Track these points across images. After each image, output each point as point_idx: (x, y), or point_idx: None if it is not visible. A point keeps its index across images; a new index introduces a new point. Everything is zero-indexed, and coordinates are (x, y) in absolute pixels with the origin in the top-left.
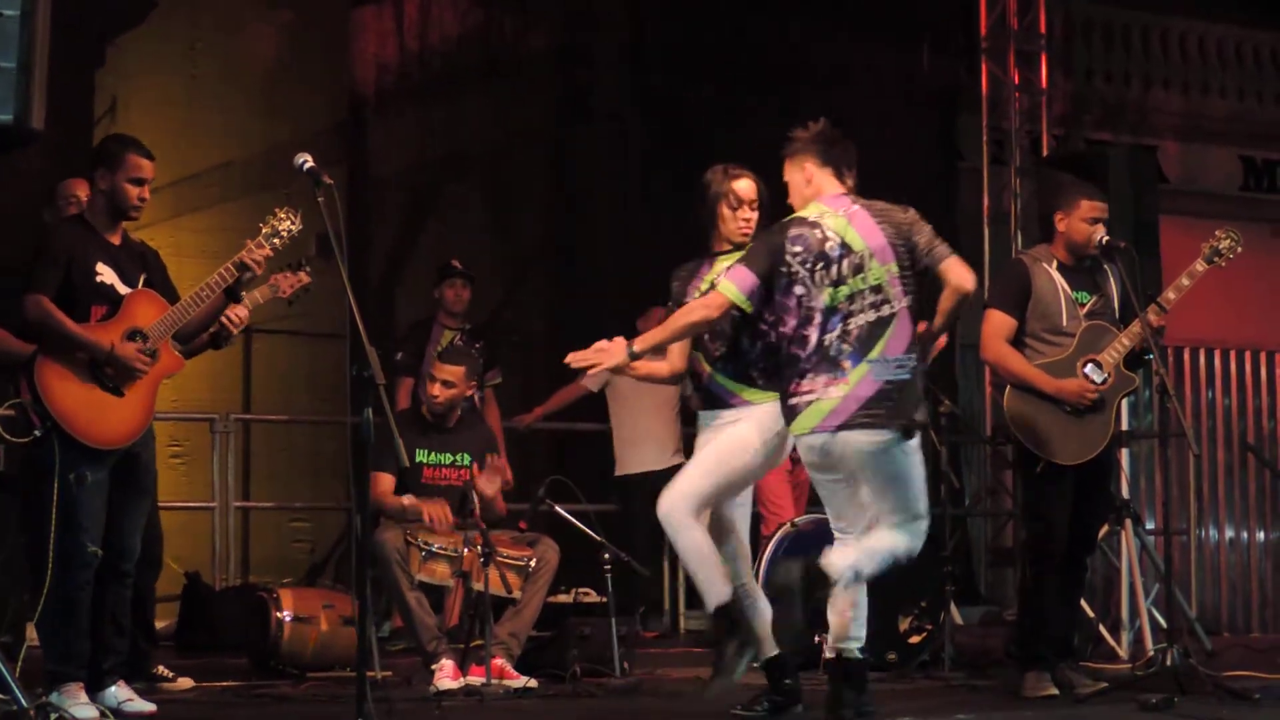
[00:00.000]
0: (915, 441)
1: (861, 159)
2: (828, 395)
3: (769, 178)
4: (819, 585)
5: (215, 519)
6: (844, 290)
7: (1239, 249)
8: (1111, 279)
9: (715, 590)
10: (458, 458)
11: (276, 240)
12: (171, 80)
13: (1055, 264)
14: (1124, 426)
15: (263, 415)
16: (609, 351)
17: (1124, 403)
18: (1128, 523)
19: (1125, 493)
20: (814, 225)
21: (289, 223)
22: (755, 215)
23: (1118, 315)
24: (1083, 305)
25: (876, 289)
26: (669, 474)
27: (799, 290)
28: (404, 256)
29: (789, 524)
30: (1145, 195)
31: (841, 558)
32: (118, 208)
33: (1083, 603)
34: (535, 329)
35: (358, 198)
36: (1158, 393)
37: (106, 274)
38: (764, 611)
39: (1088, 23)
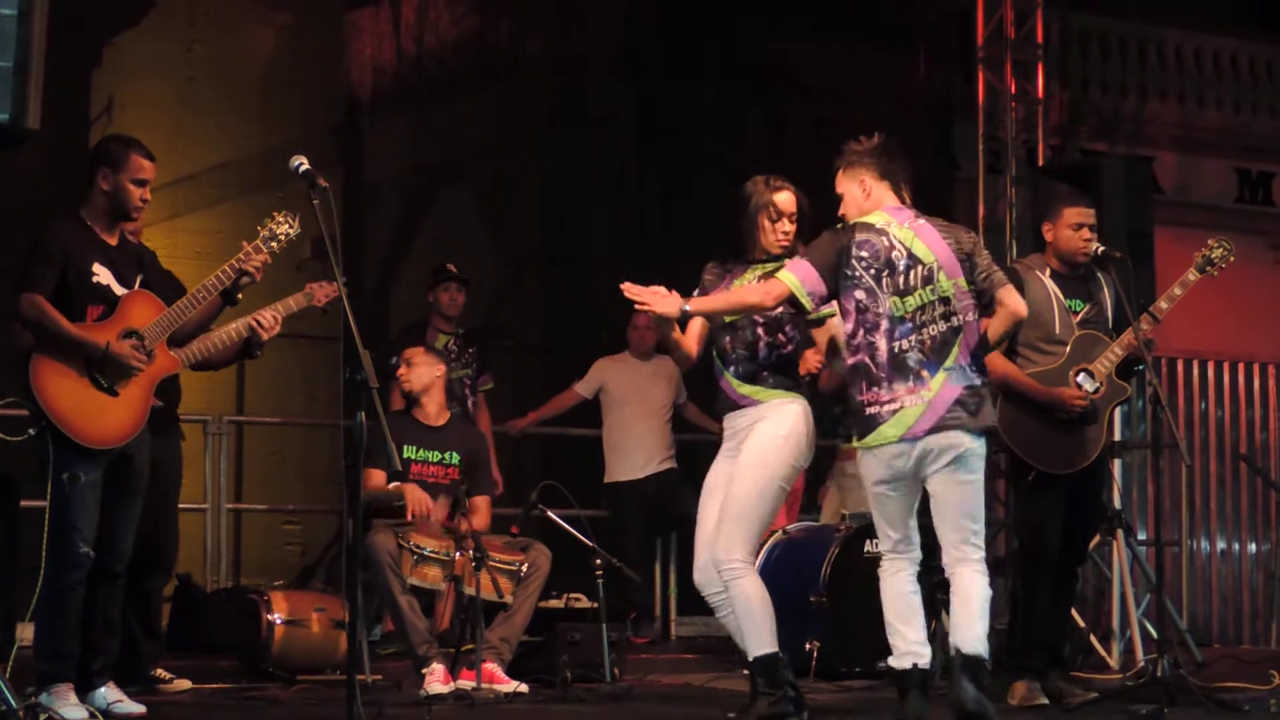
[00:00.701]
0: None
1: None
2: (912, 402)
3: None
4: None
5: (207, 521)
6: (912, 300)
7: (1231, 258)
8: (1105, 288)
9: (759, 640)
10: (446, 456)
11: (274, 244)
12: (168, 81)
13: (1049, 272)
14: (1116, 436)
15: (256, 417)
16: (665, 299)
17: (1116, 412)
18: (1119, 533)
19: (1117, 503)
20: (881, 233)
21: (287, 226)
22: (794, 228)
23: (1111, 325)
24: (1076, 314)
25: (945, 301)
26: (657, 480)
27: (859, 295)
28: (399, 259)
29: (780, 531)
30: (1140, 206)
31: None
32: (120, 208)
33: (1074, 612)
34: (529, 333)
35: (353, 200)
36: (1150, 403)
37: (103, 274)
38: None
39: (1084, 33)
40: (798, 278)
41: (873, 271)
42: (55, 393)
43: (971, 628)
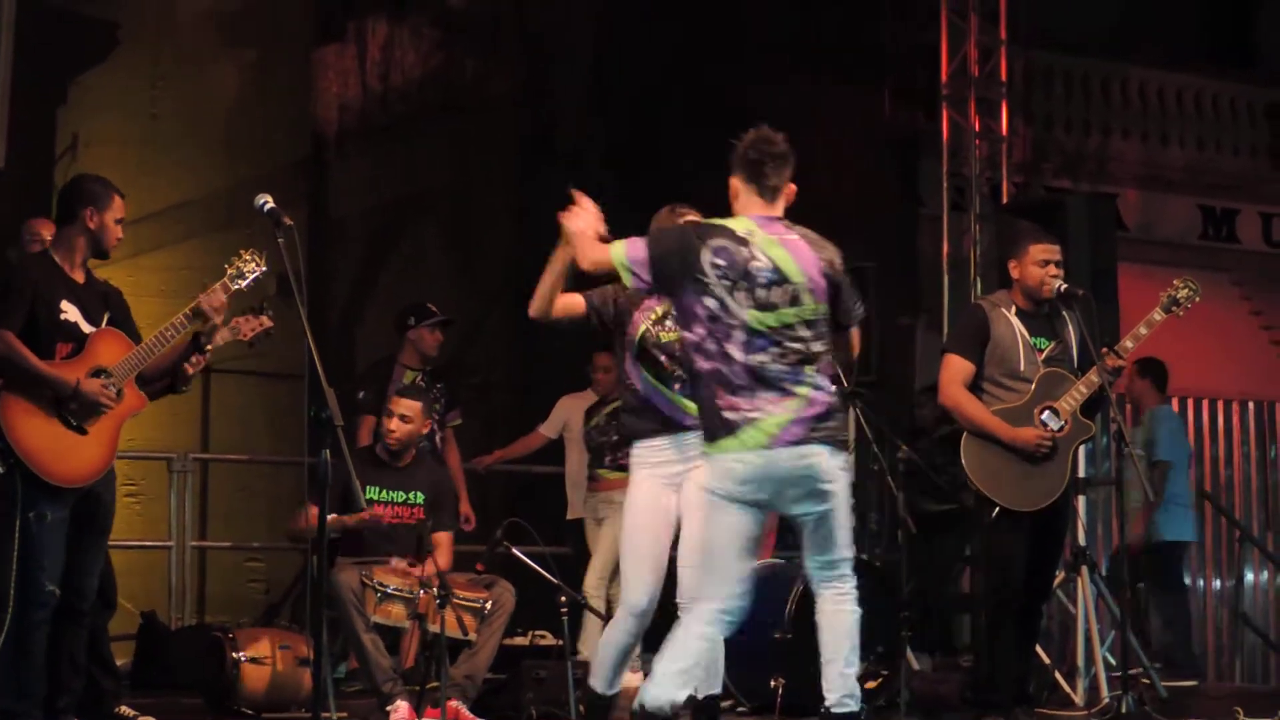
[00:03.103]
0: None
1: (822, 203)
2: (780, 411)
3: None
4: None
5: (172, 558)
6: (773, 317)
7: (1197, 299)
8: (1070, 326)
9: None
10: (410, 496)
11: (241, 282)
12: (133, 118)
13: (1014, 310)
14: (1080, 473)
15: (221, 455)
16: (587, 218)
17: (1081, 450)
18: (1084, 569)
19: (1082, 540)
20: (743, 242)
21: (253, 264)
22: None
23: (1076, 363)
24: (1041, 351)
25: (809, 324)
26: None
27: (710, 302)
28: (364, 296)
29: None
30: (1104, 243)
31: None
32: (100, 247)
33: (1039, 649)
34: (495, 370)
35: (318, 237)
36: (1115, 440)
37: (71, 312)
38: None
39: (1048, 71)
40: (627, 256)
41: (727, 282)
42: (24, 430)
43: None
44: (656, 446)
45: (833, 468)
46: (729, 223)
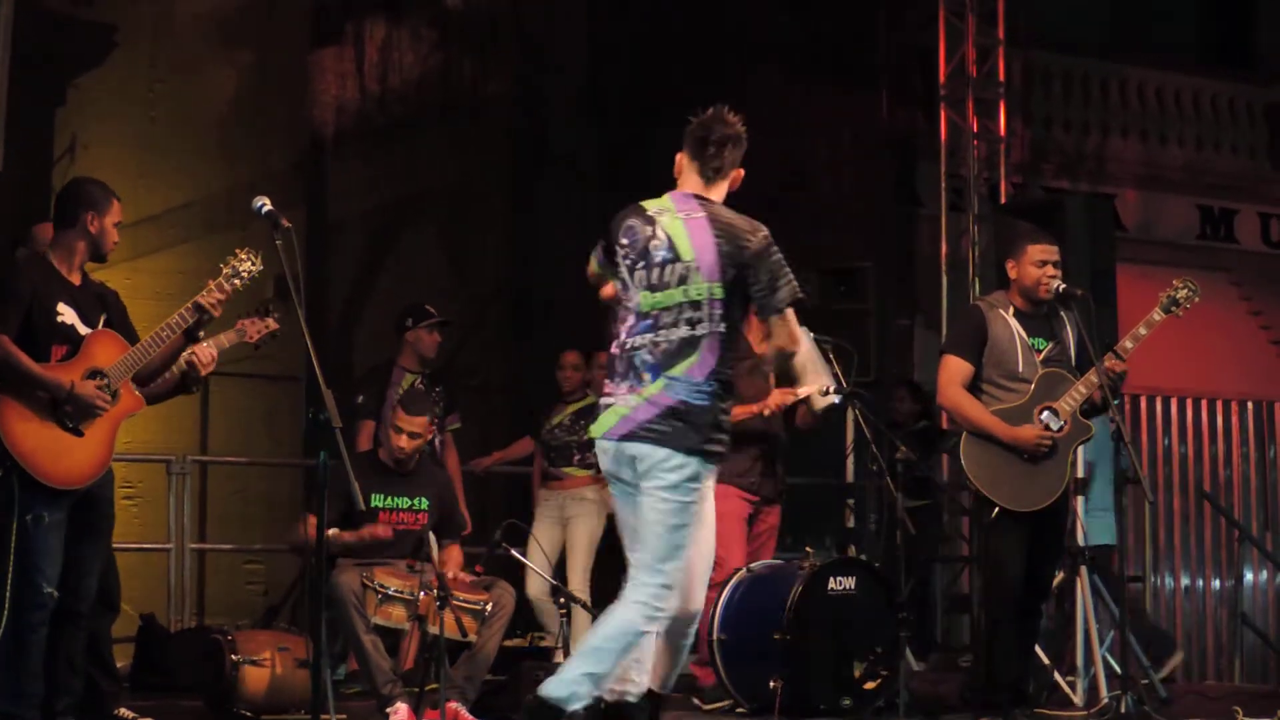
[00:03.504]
0: (701, 480)
1: (821, 205)
2: (624, 401)
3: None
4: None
5: (171, 560)
6: (660, 297)
7: (1196, 299)
8: (1068, 326)
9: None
10: (415, 502)
11: (236, 281)
12: (130, 121)
13: (1012, 310)
14: (1080, 474)
15: (219, 457)
16: None
17: (1080, 450)
18: (1083, 570)
19: (1080, 540)
20: (650, 221)
21: (249, 263)
22: None
23: (1074, 363)
24: (1039, 352)
25: (695, 305)
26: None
27: (618, 283)
28: (362, 298)
29: (744, 569)
30: (1102, 243)
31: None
32: (99, 250)
33: (1038, 649)
34: (492, 372)
35: (316, 239)
36: (1114, 440)
37: (67, 314)
38: None
39: (1046, 71)
40: (597, 254)
41: (629, 261)
42: (20, 433)
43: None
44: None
45: (651, 467)
46: (649, 202)
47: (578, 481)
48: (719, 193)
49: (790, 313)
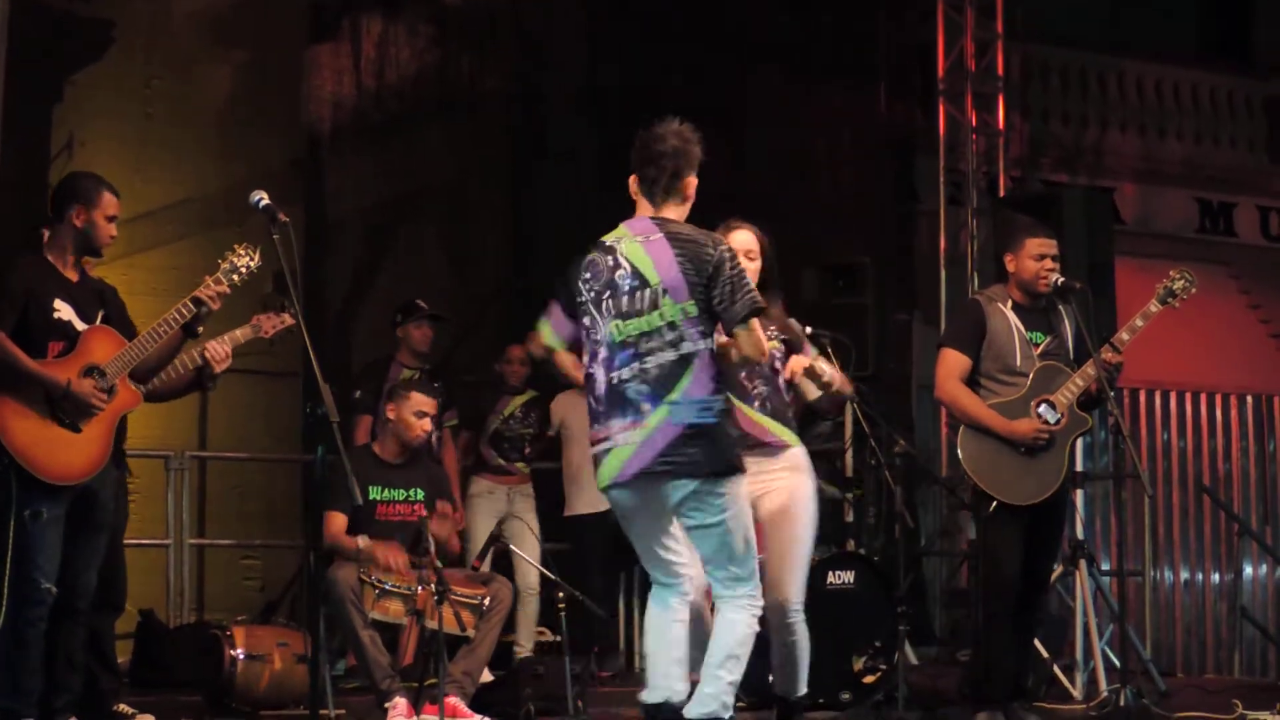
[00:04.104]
0: (736, 488)
1: (819, 200)
2: (626, 439)
3: (723, 218)
4: None
5: (170, 556)
6: (635, 325)
7: (1193, 290)
8: (1066, 320)
9: (805, 679)
10: (410, 493)
11: (235, 276)
12: (127, 118)
13: (1010, 304)
14: (1078, 467)
15: (218, 453)
16: None
17: (1079, 443)
18: (1082, 563)
19: (1080, 533)
20: (609, 251)
21: (248, 259)
22: (756, 264)
23: (1072, 356)
24: (1037, 345)
25: (673, 326)
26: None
27: (585, 321)
28: (360, 295)
29: None
30: (1101, 237)
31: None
32: (91, 244)
33: (1036, 643)
34: (491, 369)
35: (314, 236)
36: (1113, 434)
37: (64, 311)
38: None
39: (1045, 65)
40: (547, 319)
41: (593, 294)
42: (16, 429)
43: (706, 681)
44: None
45: (688, 499)
46: (606, 236)
47: (525, 479)
48: (675, 210)
49: (755, 323)
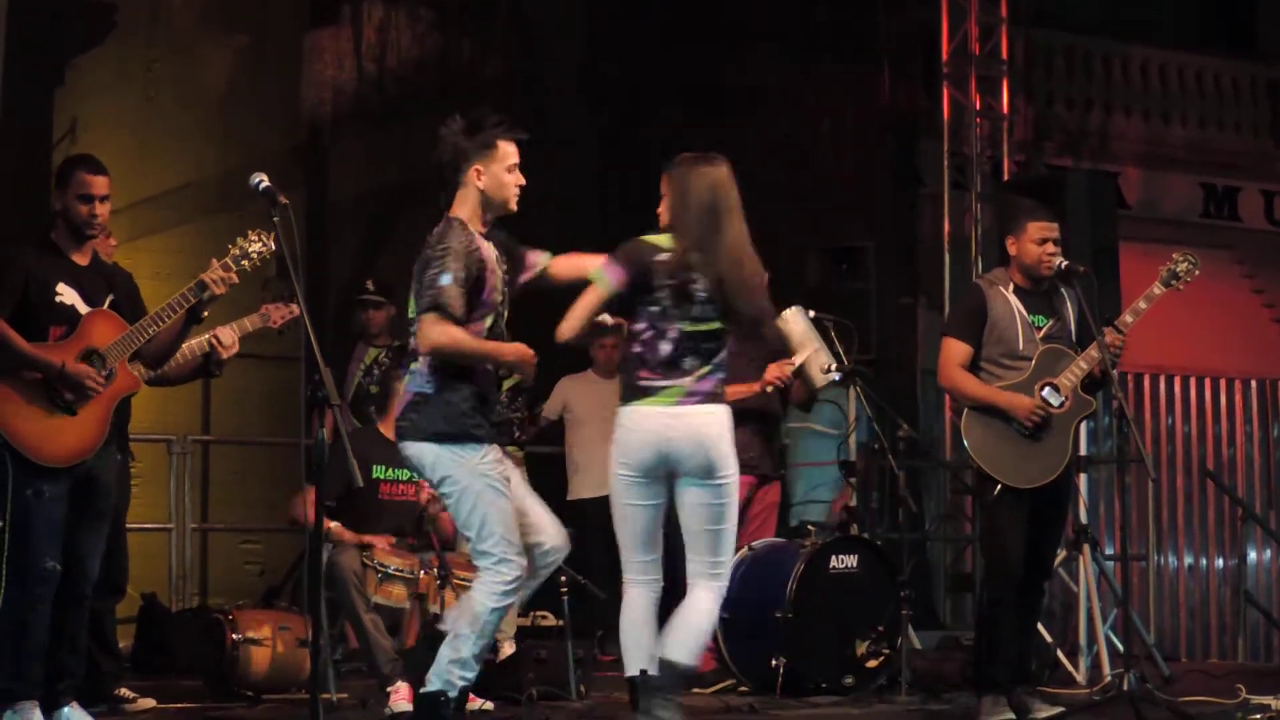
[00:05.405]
0: (473, 456)
1: (822, 184)
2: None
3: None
4: None
5: (172, 540)
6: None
7: (1196, 272)
8: (1069, 303)
9: None
10: (414, 473)
11: (245, 262)
12: (129, 102)
13: (1012, 288)
14: (1082, 451)
15: (221, 437)
16: None
17: (1082, 427)
18: (1086, 548)
19: (1084, 518)
20: None
21: (260, 244)
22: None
23: (1075, 339)
24: (1040, 329)
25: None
26: None
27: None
28: (362, 279)
29: (746, 548)
30: (1105, 221)
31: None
32: (73, 227)
33: (1040, 627)
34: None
35: (315, 221)
36: (1117, 418)
37: (68, 295)
38: None
39: (1049, 49)
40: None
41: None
42: (10, 412)
43: None
44: None
45: (412, 460)
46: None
47: (519, 461)
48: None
49: (429, 318)
